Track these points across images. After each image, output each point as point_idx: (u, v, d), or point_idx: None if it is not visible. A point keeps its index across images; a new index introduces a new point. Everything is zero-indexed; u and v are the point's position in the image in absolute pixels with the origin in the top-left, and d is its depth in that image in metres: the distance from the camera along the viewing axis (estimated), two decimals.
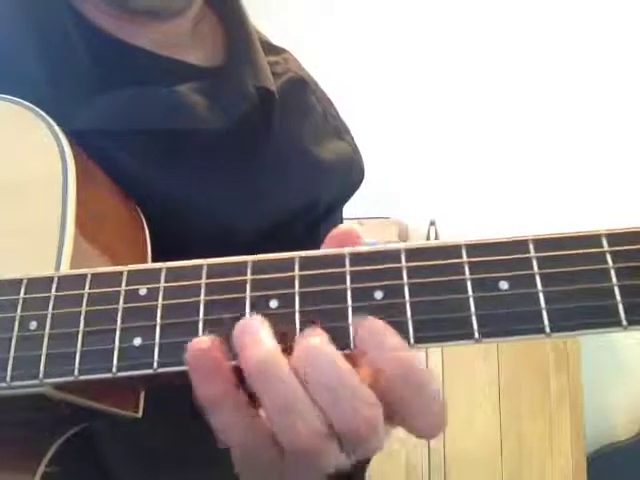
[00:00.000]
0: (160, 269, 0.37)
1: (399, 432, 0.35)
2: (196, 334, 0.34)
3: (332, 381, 0.32)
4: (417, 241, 0.36)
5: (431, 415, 0.33)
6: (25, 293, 0.37)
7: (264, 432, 0.33)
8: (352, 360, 0.33)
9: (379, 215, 2.23)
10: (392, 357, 0.32)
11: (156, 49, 0.58)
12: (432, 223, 2.30)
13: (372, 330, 0.33)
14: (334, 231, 0.37)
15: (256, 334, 0.33)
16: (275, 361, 0.32)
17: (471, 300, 0.33)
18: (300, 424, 0.31)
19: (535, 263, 0.34)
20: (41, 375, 0.35)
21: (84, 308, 0.36)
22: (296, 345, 0.33)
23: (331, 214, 0.68)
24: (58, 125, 0.47)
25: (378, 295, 0.34)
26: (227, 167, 0.58)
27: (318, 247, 0.38)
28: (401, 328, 0.33)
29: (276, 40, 0.70)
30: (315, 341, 0.32)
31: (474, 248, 0.34)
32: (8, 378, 0.35)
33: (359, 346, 0.33)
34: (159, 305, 0.36)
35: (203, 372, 0.33)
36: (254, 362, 0.32)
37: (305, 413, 0.31)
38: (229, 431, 0.33)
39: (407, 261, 0.34)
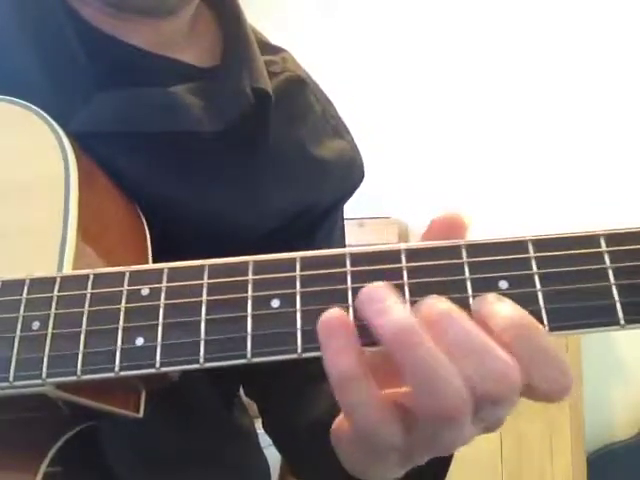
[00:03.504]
0: (162, 269, 0.37)
1: None
2: (198, 334, 0.35)
3: (472, 343, 0.31)
4: (417, 241, 0.36)
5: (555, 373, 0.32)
6: (28, 293, 0.38)
7: (391, 409, 0.32)
8: None
9: (379, 215, 2.23)
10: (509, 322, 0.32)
11: (152, 48, 0.58)
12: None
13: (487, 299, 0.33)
14: (439, 217, 0.36)
15: (385, 302, 0.32)
16: (414, 329, 0.31)
17: (471, 299, 0.33)
18: (446, 389, 0.30)
19: (534, 263, 0.34)
20: (44, 375, 0.35)
21: (87, 308, 0.36)
22: (423, 312, 0.32)
23: (332, 213, 0.67)
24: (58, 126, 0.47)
25: None
26: (225, 169, 0.58)
27: (318, 246, 0.38)
28: None
29: (275, 41, 0.70)
30: (444, 306, 0.32)
31: (474, 248, 0.35)
32: (11, 378, 0.36)
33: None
34: (161, 305, 0.36)
35: (335, 345, 0.32)
36: (392, 332, 0.31)
37: (451, 377, 0.31)
38: (358, 409, 0.32)
39: (407, 261, 0.35)
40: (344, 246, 0.71)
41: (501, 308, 0.32)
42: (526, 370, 0.31)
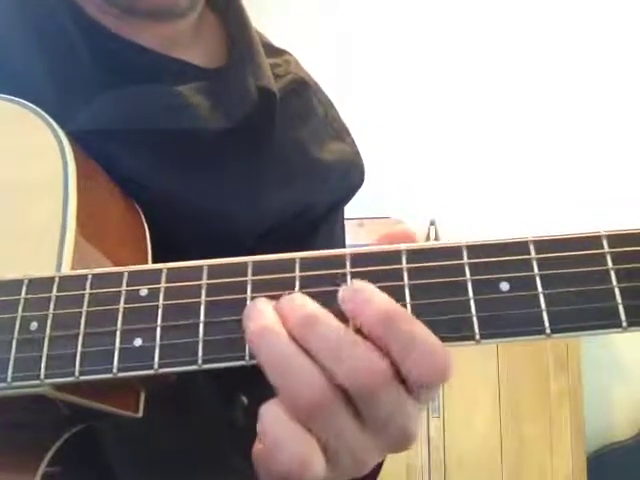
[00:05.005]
0: (161, 270, 0.37)
1: None
2: (197, 335, 0.35)
3: (330, 338, 0.32)
4: (417, 241, 0.36)
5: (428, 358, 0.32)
6: (26, 293, 0.37)
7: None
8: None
9: (379, 215, 2.23)
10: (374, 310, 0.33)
11: (157, 48, 0.58)
12: (432, 223, 2.29)
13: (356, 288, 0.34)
14: (389, 233, 0.37)
15: (259, 309, 0.34)
16: (272, 327, 0.33)
17: (472, 301, 0.33)
18: (299, 383, 0.32)
19: (536, 264, 0.34)
20: (42, 376, 0.35)
21: (85, 309, 0.36)
22: (290, 313, 0.33)
23: (331, 215, 0.68)
24: (59, 125, 0.47)
25: None
26: (229, 168, 0.58)
27: (318, 247, 0.38)
28: None
29: (276, 41, 0.70)
30: (308, 308, 0.33)
31: (475, 249, 0.34)
32: (9, 379, 0.36)
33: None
34: (160, 306, 0.36)
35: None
36: (254, 331, 0.33)
37: (304, 373, 0.32)
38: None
39: (408, 262, 0.34)
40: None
41: (367, 303, 0.33)
42: (397, 360, 0.32)
